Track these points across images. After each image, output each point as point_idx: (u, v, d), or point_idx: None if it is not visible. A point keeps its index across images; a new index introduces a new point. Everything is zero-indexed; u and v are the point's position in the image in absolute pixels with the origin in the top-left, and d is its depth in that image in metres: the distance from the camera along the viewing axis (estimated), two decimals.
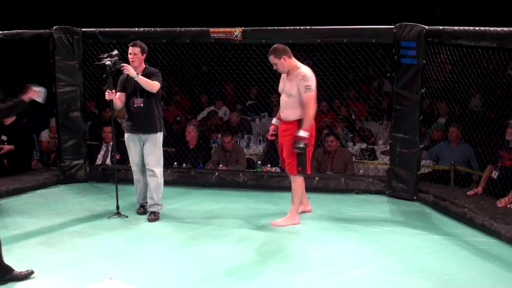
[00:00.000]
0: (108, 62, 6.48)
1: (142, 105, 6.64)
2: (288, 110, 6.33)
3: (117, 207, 6.88)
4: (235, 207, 7.22)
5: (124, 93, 6.69)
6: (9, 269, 4.99)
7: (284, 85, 6.38)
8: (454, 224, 6.47)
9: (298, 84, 6.18)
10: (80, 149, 8.44)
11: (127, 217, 6.83)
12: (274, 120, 6.79)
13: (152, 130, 6.72)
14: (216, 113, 11.24)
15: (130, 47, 6.63)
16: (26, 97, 5.18)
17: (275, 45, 6.41)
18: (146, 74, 6.58)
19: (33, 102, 5.29)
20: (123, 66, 6.50)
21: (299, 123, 6.25)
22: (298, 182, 6.50)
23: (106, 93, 6.61)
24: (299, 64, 6.33)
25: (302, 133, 6.16)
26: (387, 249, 5.77)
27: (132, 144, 6.79)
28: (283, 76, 6.45)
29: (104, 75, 6.62)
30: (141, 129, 6.71)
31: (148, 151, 6.75)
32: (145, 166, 6.81)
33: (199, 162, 8.95)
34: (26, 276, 5.05)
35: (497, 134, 7.03)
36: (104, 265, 5.40)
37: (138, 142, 6.76)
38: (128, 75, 6.54)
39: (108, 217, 6.82)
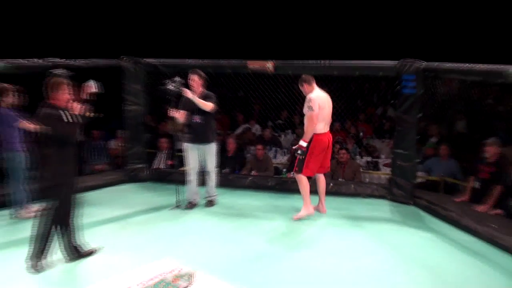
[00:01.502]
0: (171, 87, 6.61)
1: (199, 121, 6.77)
2: (304, 126, 6.49)
3: (177, 201, 6.99)
4: (264, 205, 7.25)
5: (185, 111, 6.82)
6: (79, 249, 5.14)
7: (303, 107, 6.56)
8: (443, 225, 6.46)
9: (305, 105, 6.40)
10: (142, 155, 8.52)
11: (185, 209, 6.93)
12: None
13: (208, 140, 6.87)
14: (250, 129, 11.29)
15: (190, 74, 6.78)
16: (84, 93, 5.11)
17: (302, 75, 6.61)
18: (204, 96, 6.72)
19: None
20: (183, 90, 6.65)
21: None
22: (300, 180, 6.62)
23: (170, 111, 6.74)
24: (313, 90, 6.48)
25: (301, 143, 6.41)
26: (388, 243, 5.80)
27: (191, 152, 6.92)
28: None
29: (168, 97, 6.72)
30: (198, 140, 6.84)
31: (206, 157, 6.90)
32: (204, 169, 6.96)
33: (236, 168, 9.00)
34: (91, 253, 5.18)
35: (479, 152, 7.02)
36: (162, 247, 5.50)
37: (196, 150, 6.89)
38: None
39: (170, 209, 6.91)
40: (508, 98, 10.15)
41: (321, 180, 6.82)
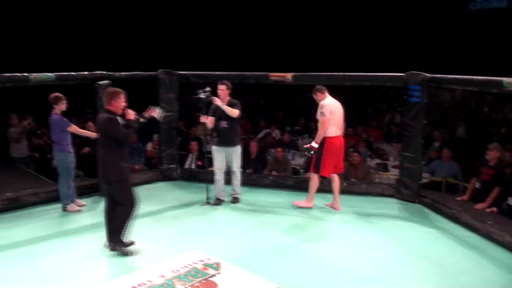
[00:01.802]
0: (202, 95, 6.71)
1: (226, 126, 6.85)
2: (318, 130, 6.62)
3: (207, 198, 7.04)
4: (283, 202, 7.23)
5: (214, 118, 6.91)
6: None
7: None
8: (445, 221, 6.43)
9: (318, 111, 6.53)
10: (174, 157, 8.55)
11: (214, 205, 6.97)
12: None
13: (234, 144, 6.94)
14: (270, 134, 11.29)
15: (219, 85, 6.86)
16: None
17: (316, 85, 6.74)
18: (230, 104, 6.80)
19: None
20: (213, 98, 6.74)
21: (323, 139, 6.53)
22: (313, 178, 6.78)
23: (201, 117, 6.84)
24: (325, 98, 6.60)
25: (313, 144, 6.54)
26: (396, 238, 5.82)
27: (218, 154, 6.99)
28: None
29: (199, 105, 6.80)
30: (225, 143, 6.92)
31: (232, 159, 6.97)
32: (230, 169, 7.04)
33: (258, 168, 9.01)
34: (130, 244, 5.26)
35: (478, 154, 6.96)
36: (193, 239, 5.59)
37: (223, 152, 6.96)
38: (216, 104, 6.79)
39: (201, 205, 6.96)
40: (502, 107, 10.10)
41: (336, 180, 6.86)
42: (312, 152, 6.54)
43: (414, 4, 18.71)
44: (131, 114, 5.14)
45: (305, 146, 6.82)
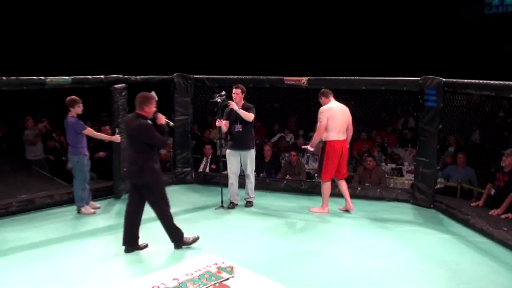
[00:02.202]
0: (219, 100, 6.69)
1: (241, 130, 6.86)
2: None
3: (221, 201, 7.05)
4: (297, 206, 7.22)
5: (228, 121, 6.92)
6: (137, 241, 5.34)
7: None
8: (460, 227, 6.38)
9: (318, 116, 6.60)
10: (189, 160, 8.56)
11: (227, 209, 6.98)
12: None
13: (248, 147, 6.95)
14: (284, 138, 11.27)
15: (234, 89, 6.87)
16: (161, 121, 5.27)
17: (322, 89, 6.81)
18: (245, 108, 6.81)
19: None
20: (229, 102, 6.75)
21: (324, 143, 6.65)
22: (323, 185, 6.83)
23: (217, 121, 6.84)
24: (329, 102, 6.65)
25: (308, 146, 6.78)
26: (410, 243, 5.78)
27: (232, 157, 7.00)
28: None
29: (216, 109, 6.80)
30: (239, 147, 6.93)
31: (246, 162, 6.98)
32: (244, 172, 7.05)
33: (272, 172, 9.00)
34: (144, 247, 5.37)
35: (494, 160, 6.89)
36: (208, 242, 5.55)
37: (237, 156, 6.97)
38: (231, 108, 6.80)
39: (215, 209, 6.97)
40: None
41: (342, 183, 6.93)
42: (308, 154, 6.64)
43: (429, 8, 18.63)
44: (162, 119, 5.23)
45: (302, 147, 6.89)
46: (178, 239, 5.36)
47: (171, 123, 5.32)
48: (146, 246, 5.38)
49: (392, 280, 4.73)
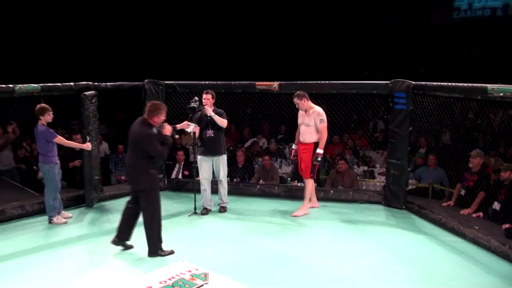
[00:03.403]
0: (195, 105, 6.67)
1: (212, 135, 6.83)
2: (306, 135, 6.78)
3: (195, 207, 6.99)
4: (271, 210, 7.24)
5: (199, 127, 6.88)
6: (126, 238, 5.47)
7: (303, 119, 6.83)
8: (432, 227, 6.46)
9: (314, 118, 6.67)
10: (161, 167, 8.38)
11: (201, 215, 6.93)
12: (293, 146, 7.29)
13: (220, 152, 6.93)
14: (257, 143, 11.24)
15: (204, 94, 6.83)
16: (166, 132, 5.34)
17: (297, 91, 6.85)
18: (216, 113, 6.78)
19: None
20: (204, 108, 6.72)
21: (315, 144, 6.71)
22: (309, 183, 6.92)
23: (191, 127, 6.75)
24: (312, 105, 6.80)
25: (320, 151, 6.70)
26: (384, 244, 5.82)
27: (204, 163, 6.96)
28: (301, 112, 6.87)
29: (190, 115, 6.78)
30: (211, 153, 6.89)
31: (218, 168, 6.95)
32: (216, 178, 7.03)
33: (246, 177, 8.98)
34: (130, 247, 5.48)
35: (462, 161, 7.00)
36: (182, 248, 5.51)
37: (209, 161, 6.94)
38: (201, 113, 6.76)
39: (189, 215, 6.91)
40: (486, 113, 10.21)
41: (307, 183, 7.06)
42: (319, 159, 6.75)
43: (399, 14, 18.93)
44: (168, 130, 5.32)
45: (315, 158, 6.76)
46: (155, 250, 5.31)
47: (177, 135, 5.31)
48: (131, 247, 5.45)
49: (367, 282, 4.75)
